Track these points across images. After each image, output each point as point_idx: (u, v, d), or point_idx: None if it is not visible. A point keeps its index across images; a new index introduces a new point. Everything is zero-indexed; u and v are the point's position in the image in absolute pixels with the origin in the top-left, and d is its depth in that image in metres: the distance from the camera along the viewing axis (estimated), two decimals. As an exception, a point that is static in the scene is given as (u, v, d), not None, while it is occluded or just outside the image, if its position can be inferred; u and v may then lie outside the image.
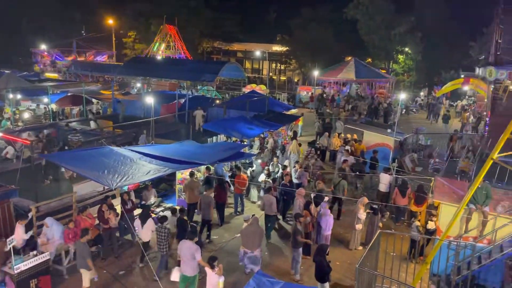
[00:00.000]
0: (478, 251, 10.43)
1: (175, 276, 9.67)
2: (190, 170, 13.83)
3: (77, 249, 9.87)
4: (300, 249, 11.08)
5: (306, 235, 11.77)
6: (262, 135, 20.39)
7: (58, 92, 27.55)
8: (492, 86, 27.32)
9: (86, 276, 9.75)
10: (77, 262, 9.84)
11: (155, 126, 17.87)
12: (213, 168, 15.68)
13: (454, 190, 12.35)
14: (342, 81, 42.96)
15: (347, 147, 19.41)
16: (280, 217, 14.58)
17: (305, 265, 11.51)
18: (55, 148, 17.73)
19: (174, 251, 11.08)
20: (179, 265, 9.73)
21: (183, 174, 14.61)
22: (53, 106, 26.70)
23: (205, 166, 14.67)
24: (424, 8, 49.18)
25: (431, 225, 11.97)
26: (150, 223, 11.49)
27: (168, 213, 12.72)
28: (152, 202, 14.03)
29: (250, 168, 16.85)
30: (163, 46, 51.50)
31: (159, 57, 45.61)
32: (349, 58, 47.04)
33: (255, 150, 19.23)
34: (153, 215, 13.31)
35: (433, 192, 13.22)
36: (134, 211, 12.73)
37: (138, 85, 35.29)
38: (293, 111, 26.83)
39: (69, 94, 27.45)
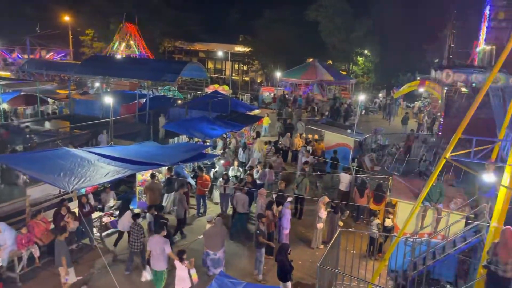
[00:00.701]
0: (432, 246, 10.85)
1: (147, 276, 9.77)
2: (151, 171, 13.58)
3: (55, 247, 9.67)
4: (263, 249, 11.12)
5: (268, 235, 11.83)
6: (225, 136, 20.32)
7: (10, 91, 26.26)
8: (446, 88, 28.52)
9: (71, 272, 9.67)
10: (56, 260, 9.70)
11: (115, 127, 17.40)
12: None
13: (410, 188, 12.80)
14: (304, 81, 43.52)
15: (308, 148, 19.71)
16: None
17: (268, 264, 11.57)
18: (7, 150, 16.88)
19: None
20: (148, 263, 9.77)
21: (143, 176, 14.31)
22: (5, 106, 25.44)
23: (167, 167, 14.45)
24: (382, 12, 50.67)
25: (388, 223, 12.35)
26: (128, 214, 11.50)
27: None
28: (111, 205, 13.66)
29: (213, 170, 16.75)
30: (123, 45, 50.26)
31: (119, 56, 44.47)
32: (311, 59, 47.75)
33: (218, 151, 19.14)
34: (112, 218, 12.99)
35: (391, 191, 13.64)
36: (92, 214, 12.36)
37: (97, 84, 34.25)
38: (256, 111, 26.90)
39: (22, 93, 26.24)
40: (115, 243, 11.92)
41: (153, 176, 13.70)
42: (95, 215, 12.70)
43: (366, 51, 55.69)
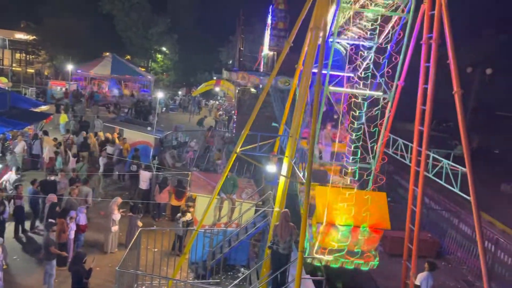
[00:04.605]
0: (228, 235, 11.70)
1: None
2: None
3: None
4: (54, 261, 10.07)
5: (62, 245, 10.74)
6: (3, 136, 17.56)
7: None
8: (238, 88, 31.12)
9: None
10: None
11: None
12: None
13: (208, 182, 13.53)
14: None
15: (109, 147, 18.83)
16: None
17: (61, 277, 10.53)
18: None
19: None
20: None
21: None
22: None
23: None
24: (179, 11, 51.99)
25: (188, 217, 12.73)
26: None
27: None
28: None
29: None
30: None
31: None
32: (107, 54, 45.39)
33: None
34: None
35: (190, 186, 14.13)
36: None
37: None
38: (44, 108, 23.99)
39: None
40: None
41: None
42: None
43: (164, 49, 56.20)
